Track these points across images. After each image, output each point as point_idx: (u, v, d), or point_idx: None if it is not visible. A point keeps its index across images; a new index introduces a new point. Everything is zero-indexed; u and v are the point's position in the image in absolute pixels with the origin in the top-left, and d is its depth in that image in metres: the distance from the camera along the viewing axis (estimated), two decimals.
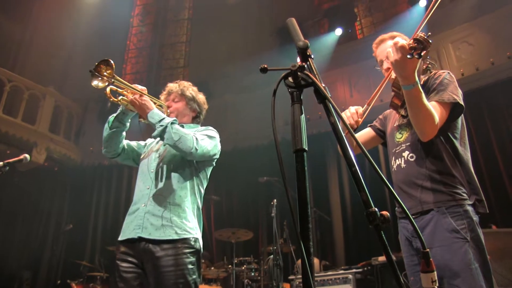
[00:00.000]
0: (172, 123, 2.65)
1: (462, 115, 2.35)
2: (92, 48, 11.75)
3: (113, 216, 10.56)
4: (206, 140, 2.76)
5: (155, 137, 2.72)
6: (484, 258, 2.08)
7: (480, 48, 8.67)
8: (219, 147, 2.90)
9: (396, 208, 2.53)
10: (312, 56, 1.31)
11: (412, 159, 2.35)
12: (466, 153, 2.32)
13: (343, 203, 9.06)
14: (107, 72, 2.62)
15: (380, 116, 2.85)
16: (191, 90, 3.13)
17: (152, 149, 2.99)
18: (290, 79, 1.27)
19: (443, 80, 2.33)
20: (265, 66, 1.33)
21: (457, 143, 2.30)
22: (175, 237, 2.55)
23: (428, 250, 1.19)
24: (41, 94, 11.05)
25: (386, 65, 2.53)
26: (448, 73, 2.39)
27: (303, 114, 1.24)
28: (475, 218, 2.16)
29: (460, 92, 2.31)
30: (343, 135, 1.18)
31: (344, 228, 8.86)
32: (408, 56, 1.94)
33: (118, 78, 2.67)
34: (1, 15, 11.94)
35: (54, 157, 10.98)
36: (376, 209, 1.08)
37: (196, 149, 2.63)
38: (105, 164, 11.35)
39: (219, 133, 2.96)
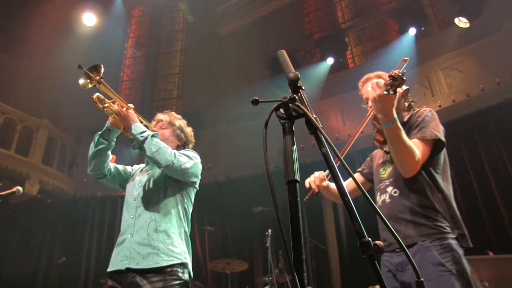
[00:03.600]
0: (153, 135, 2.68)
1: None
2: None
3: (107, 248, 10.37)
4: (184, 157, 2.77)
5: (134, 148, 2.73)
6: None
7: (470, 75, 8.79)
8: (199, 167, 2.91)
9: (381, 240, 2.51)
10: (303, 87, 1.33)
11: (396, 194, 2.40)
12: (448, 188, 2.37)
13: (338, 232, 8.98)
14: (96, 78, 2.69)
15: (368, 159, 2.92)
16: (180, 121, 3.18)
17: (135, 178, 3.00)
18: (282, 110, 1.28)
19: (425, 118, 2.40)
20: (257, 98, 1.35)
21: (439, 179, 2.35)
22: (163, 263, 2.52)
23: (422, 279, 1.18)
24: (35, 126, 11.03)
25: (370, 103, 2.58)
26: (430, 110, 2.46)
27: (295, 145, 1.25)
28: (460, 251, 2.18)
29: (442, 128, 2.39)
30: (335, 165, 1.19)
31: (340, 257, 8.77)
32: (385, 92, 2.05)
33: (105, 83, 2.72)
34: None
35: (47, 189, 10.90)
36: (370, 239, 1.08)
37: (173, 163, 2.64)
38: (99, 195, 11.26)
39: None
